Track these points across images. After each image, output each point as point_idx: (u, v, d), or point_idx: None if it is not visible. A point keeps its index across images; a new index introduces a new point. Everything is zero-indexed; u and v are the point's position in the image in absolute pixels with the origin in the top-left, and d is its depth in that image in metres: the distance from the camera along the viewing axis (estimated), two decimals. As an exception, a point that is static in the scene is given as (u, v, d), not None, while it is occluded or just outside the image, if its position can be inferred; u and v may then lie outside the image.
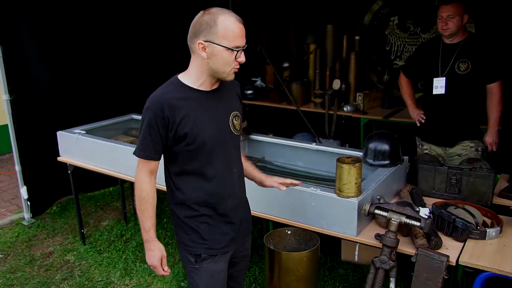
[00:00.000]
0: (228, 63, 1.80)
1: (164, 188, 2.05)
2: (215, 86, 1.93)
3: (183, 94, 1.85)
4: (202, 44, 1.77)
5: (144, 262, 3.56)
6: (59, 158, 3.65)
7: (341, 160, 2.30)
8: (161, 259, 1.98)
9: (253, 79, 5.71)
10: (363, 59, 5.04)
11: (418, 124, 3.54)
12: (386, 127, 4.56)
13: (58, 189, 4.46)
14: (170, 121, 1.81)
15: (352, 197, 2.27)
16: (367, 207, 2.20)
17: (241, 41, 1.79)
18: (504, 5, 4.11)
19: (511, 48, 4.03)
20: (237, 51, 1.78)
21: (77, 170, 3.59)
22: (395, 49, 5.00)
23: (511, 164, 2.89)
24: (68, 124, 3.75)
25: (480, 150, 3.34)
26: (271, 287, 2.65)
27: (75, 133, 3.51)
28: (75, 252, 3.76)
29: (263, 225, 3.09)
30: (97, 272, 3.49)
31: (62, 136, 3.59)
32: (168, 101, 1.81)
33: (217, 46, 1.76)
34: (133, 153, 1.91)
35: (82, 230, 3.88)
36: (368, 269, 2.21)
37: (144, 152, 1.87)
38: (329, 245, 3.52)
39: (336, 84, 4.93)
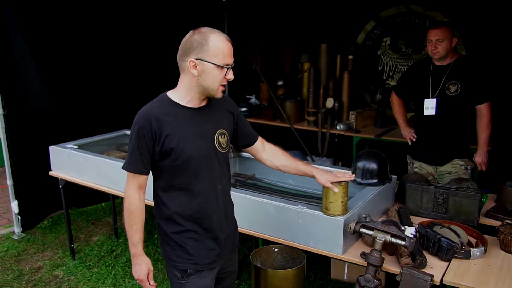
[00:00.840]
0: (217, 80, 1.86)
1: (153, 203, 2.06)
2: (203, 104, 1.97)
3: (171, 110, 1.90)
4: (194, 62, 1.83)
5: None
6: (50, 173, 3.65)
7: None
8: (148, 273, 2.01)
9: (247, 96, 5.75)
10: (356, 78, 5.10)
11: (410, 143, 3.57)
12: (378, 145, 4.59)
13: (49, 203, 4.45)
14: (157, 135, 1.86)
15: (338, 215, 2.28)
16: (352, 225, 2.22)
17: (230, 59, 1.86)
18: (494, 27, 4.18)
19: (501, 70, 4.09)
20: (227, 68, 1.85)
21: (69, 185, 3.60)
22: (387, 69, 5.06)
23: (498, 184, 2.91)
24: (61, 139, 3.76)
25: (469, 168, 3.37)
26: (258, 305, 2.64)
27: (67, 148, 3.53)
28: (64, 267, 3.74)
29: (253, 242, 3.09)
30: (85, 287, 3.47)
31: (54, 151, 3.60)
32: (155, 115, 1.86)
33: (207, 63, 1.82)
34: (122, 167, 1.95)
35: (72, 245, 3.86)
36: (354, 288, 2.22)
37: (133, 166, 1.91)
38: (319, 263, 3.51)
39: (330, 102, 4.97)
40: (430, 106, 3.34)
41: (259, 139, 2.27)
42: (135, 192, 1.94)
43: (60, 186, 3.61)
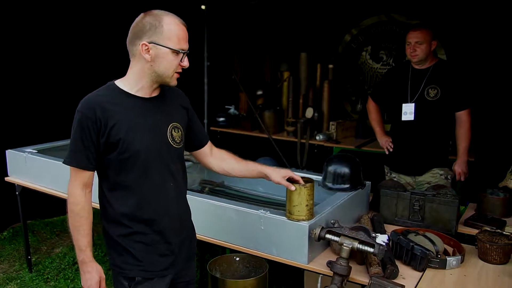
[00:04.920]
0: (173, 66, 1.71)
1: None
2: (154, 94, 1.81)
3: (118, 99, 1.73)
4: (146, 45, 1.67)
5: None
6: (6, 178, 3.42)
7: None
8: (100, 282, 1.80)
9: (226, 106, 5.58)
10: (336, 88, 4.96)
11: (387, 152, 3.42)
12: (359, 157, 4.37)
13: (10, 213, 4.18)
14: (102, 125, 1.67)
15: (303, 220, 2.09)
16: (317, 231, 2.02)
17: (185, 45, 1.72)
18: (476, 36, 4.09)
19: (482, 78, 3.98)
20: (183, 53, 1.71)
21: (26, 191, 3.37)
22: (369, 79, 4.93)
23: (478, 193, 2.74)
24: (22, 143, 3.52)
25: (449, 178, 3.22)
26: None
27: (25, 152, 3.31)
28: (18, 281, 3.47)
29: (220, 250, 2.88)
30: (39, 302, 3.22)
31: (11, 155, 3.38)
32: (100, 103, 1.69)
33: (162, 47, 1.67)
34: (64, 162, 1.75)
35: (29, 257, 3.61)
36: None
37: (76, 160, 1.71)
38: (293, 276, 3.30)
39: (309, 112, 4.82)
40: (408, 111, 3.20)
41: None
42: (80, 190, 1.74)
43: (17, 193, 3.38)
